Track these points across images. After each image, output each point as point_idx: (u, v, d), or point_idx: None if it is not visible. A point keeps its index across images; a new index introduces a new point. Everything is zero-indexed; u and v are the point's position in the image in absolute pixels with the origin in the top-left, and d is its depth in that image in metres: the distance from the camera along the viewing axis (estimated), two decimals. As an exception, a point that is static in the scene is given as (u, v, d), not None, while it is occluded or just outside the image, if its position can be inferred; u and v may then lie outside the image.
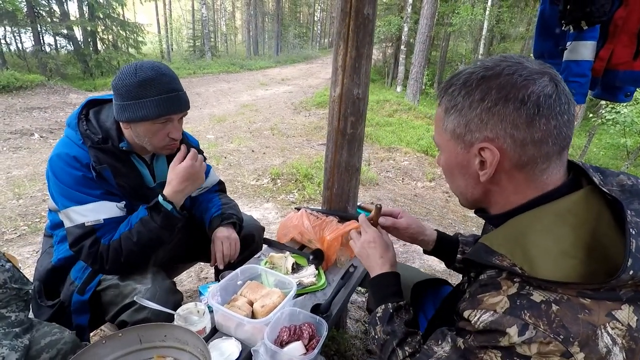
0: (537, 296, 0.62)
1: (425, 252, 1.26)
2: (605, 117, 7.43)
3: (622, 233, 0.61)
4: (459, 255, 1.20)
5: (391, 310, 0.96)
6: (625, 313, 0.59)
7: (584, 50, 1.29)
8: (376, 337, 0.95)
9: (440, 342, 0.76)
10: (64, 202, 1.23)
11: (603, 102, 7.91)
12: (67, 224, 1.24)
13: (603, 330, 0.58)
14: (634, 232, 0.59)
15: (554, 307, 0.60)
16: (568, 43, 1.32)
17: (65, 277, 1.35)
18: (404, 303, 0.98)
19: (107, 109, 1.35)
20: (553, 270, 0.61)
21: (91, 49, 13.62)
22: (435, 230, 1.26)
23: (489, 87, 0.66)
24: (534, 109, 0.64)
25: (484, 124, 0.68)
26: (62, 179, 1.23)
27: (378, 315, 0.97)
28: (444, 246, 1.22)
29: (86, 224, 1.22)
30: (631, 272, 0.56)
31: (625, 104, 7.17)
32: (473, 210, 0.88)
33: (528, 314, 0.60)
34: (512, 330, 0.60)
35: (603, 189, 0.65)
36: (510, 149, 0.67)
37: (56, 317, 1.30)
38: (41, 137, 5.94)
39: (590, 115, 8.91)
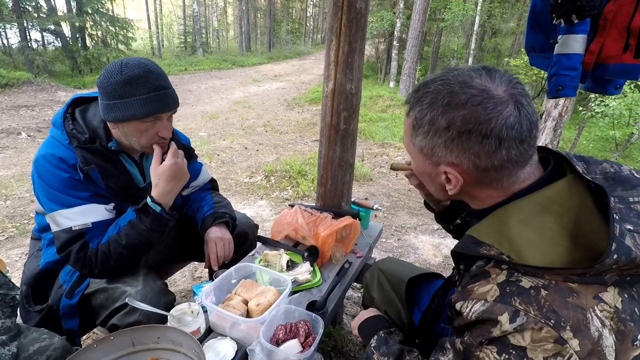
0: (526, 282, 0.63)
1: (426, 205, 1.25)
2: (594, 110, 7.51)
3: (604, 220, 0.62)
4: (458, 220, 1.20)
5: (383, 335, 1.02)
6: (611, 295, 0.60)
7: (575, 43, 1.29)
8: None
9: (444, 352, 0.76)
10: (50, 206, 1.20)
11: (592, 95, 7.98)
12: (54, 228, 1.21)
13: (592, 314, 0.59)
14: (617, 218, 0.60)
15: (543, 292, 0.61)
16: (559, 37, 1.32)
17: (54, 281, 1.33)
18: (394, 328, 1.05)
19: (93, 108, 1.31)
20: (539, 258, 0.62)
21: (79, 45, 13.35)
22: None
23: (453, 117, 0.67)
24: (495, 143, 0.66)
25: (449, 151, 0.71)
26: (48, 181, 1.20)
27: (373, 345, 1.01)
28: (451, 209, 1.21)
29: (74, 228, 1.19)
30: (615, 257, 0.57)
31: (614, 97, 7.24)
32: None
33: (518, 300, 0.61)
34: (504, 318, 0.61)
35: (586, 177, 0.66)
36: (472, 172, 0.71)
37: (45, 322, 1.27)
38: (29, 136, 5.85)
39: (580, 108, 8.99)
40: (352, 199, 1.91)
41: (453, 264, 0.97)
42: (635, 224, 0.64)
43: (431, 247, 3.26)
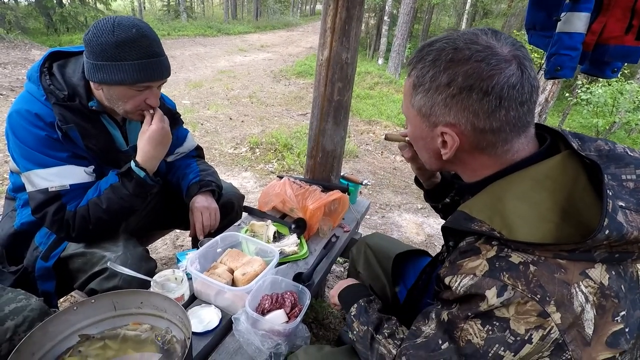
0: (515, 258, 0.63)
1: (416, 182, 1.24)
2: (580, 96, 7.60)
3: (597, 196, 0.62)
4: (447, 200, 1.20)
5: (363, 304, 1.01)
6: (597, 271, 0.61)
7: (578, 22, 1.26)
8: (355, 333, 0.96)
9: (427, 322, 0.77)
10: (25, 165, 1.13)
11: (579, 81, 8.08)
12: (29, 188, 1.15)
13: (577, 289, 0.60)
14: (610, 194, 0.60)
15: (532, 268, 0.61)
16: (562, 14, 1.29)
17: (29, 242, 1.27)
18: (374, 297, 1.05)
19: (73, 63, 1.22)
20: (530, 234, 0.62)
21: (55, 1, 12.54)
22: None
23: (455, 73, 0.66)
24: (496, 101, 0.65)
25: (448, 109, 0.69)
26: (23, 139, 1.12)
27: (353, 314, 1.00)
28: (441, 187, 1.20)
29: (50, 189, 1.13)
30: (607, 232, 0.57)
31: (600, 85, 7.35)
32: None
33: (507, 275, 0.62)
34: (491, 293, 0.62)
35: (581, 153, 0.66)
36: (469, 134, 0.70)
37: (20, 284, 1.23)
38: (1, 94, 5.54)
39: (567, 94, 9.10)
40: (341, 174, 1.89)
41: (435, 243, 0.97)
42: (627, 201, 0.64)
43: (414, 226, 3.30)
